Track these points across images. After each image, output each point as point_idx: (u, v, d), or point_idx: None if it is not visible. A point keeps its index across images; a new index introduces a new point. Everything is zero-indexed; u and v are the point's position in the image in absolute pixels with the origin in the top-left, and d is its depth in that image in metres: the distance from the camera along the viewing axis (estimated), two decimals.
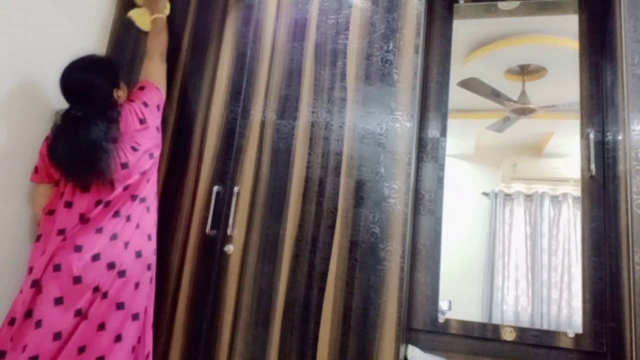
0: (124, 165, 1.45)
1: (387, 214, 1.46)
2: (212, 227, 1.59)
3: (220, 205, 1.61)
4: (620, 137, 1.47)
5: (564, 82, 1.77)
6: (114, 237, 1.38)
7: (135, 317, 1.37)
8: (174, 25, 1.87)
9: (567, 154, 1.73)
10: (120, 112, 1.49)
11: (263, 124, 1.64)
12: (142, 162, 1.50)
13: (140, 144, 1.50)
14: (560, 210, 1.71)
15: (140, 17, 1.80)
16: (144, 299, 1.41)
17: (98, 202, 1.40)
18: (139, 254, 1.41)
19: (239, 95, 1.69)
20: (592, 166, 1.63)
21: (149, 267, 1.44)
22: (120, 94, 1.56)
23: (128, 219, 1.43)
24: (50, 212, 1.43)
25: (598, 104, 1.71)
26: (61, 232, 1.35)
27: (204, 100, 1.73)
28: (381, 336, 1.38)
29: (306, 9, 1.70)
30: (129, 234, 1.41)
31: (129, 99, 1.57)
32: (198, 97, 1.74)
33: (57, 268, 1.31)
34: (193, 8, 1.87)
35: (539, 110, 1.79)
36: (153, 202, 1.54)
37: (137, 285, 1.39)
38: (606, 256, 1.58)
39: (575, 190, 1.68)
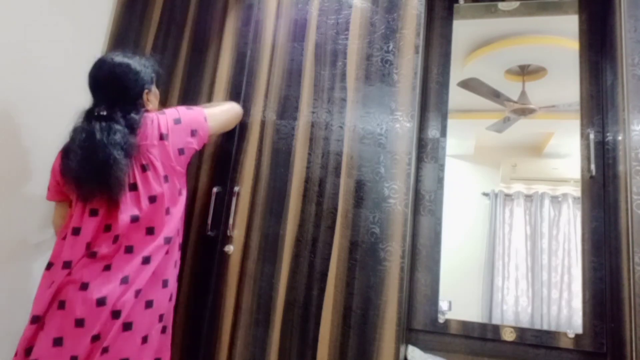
0: (133, 187, 1.27)
1: (387, 214, 1.46)
2: (212, 228, 1.59)
3: (220, 205, 1.60)
4: (620, 138, 1.47)
5: (564, 83, 1.77)
6: (124, 280, 1.21)
7: None
8: (174, 24, 1.87)
9: (567, 154, 1.73)
10: (142, 120, 1.31)
11: (263, 124, 1.64)
12: (151, 186, 1.29)
13: (153, 162, 1.30)
14: (560, 211, 1.71)
15: None
16: (151, 353, 1.26)
17: (107, 228, 1.25)
18: (149, 304, 1.25)
19: (239, 96, 1.69)
20: (592, 166, 1.63)
21: (160, 318, 1.28)
22: (151, 98, 1.40)
23: (146, 261, 1.25)
24: (65, 238, 1.29)
25: (598, 104, 1.71)
26: (66, 264, 1.21)
27: (204, 100, 1.73)
28: (381, 336, 1.38)
29: (306, 9, 1.70)
30: (143, 279, 1.24)
31: (162, 112, 1.40)
32: (198, 97, 1.74)
33: (61, 305, 1.18)
34: (193, 8, 1.87)
35: (539, 111, 1.79)
36: (176, 239, 1.36)
37: (144, 339, 1.23)
38: (606, 256, 1.58)
39: (575, 191, 1.68)
